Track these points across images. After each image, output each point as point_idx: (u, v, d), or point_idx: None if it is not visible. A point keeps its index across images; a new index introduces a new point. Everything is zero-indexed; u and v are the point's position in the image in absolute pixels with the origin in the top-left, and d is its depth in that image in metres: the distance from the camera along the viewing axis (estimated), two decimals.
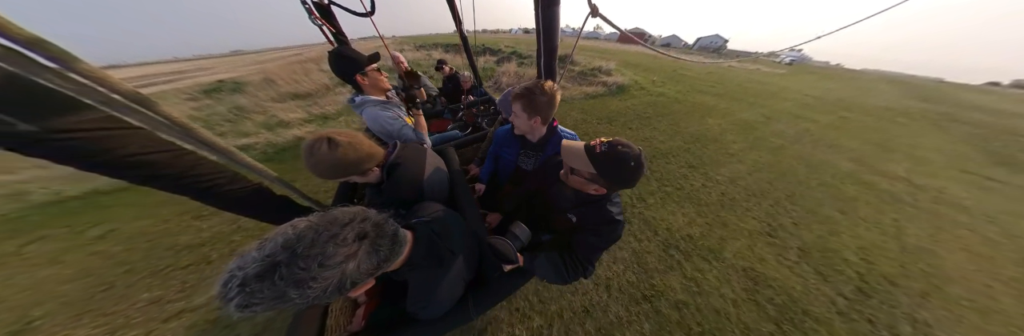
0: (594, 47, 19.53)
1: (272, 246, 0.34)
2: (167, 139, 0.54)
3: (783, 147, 3.97)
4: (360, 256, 0.38)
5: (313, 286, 0.34)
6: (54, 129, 0.40)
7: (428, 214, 0.68)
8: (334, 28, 1.40)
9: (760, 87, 9.23)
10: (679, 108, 5.37)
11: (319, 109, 5.05)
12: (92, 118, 0.44)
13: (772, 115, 5.62)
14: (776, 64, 33.49)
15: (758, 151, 3.71)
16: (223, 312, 0.37)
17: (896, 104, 9.09)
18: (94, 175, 0.47)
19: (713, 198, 2.54)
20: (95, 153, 0.45)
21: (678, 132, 4.10)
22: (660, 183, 2.73)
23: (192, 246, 1.92)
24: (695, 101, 6.01)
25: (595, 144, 0.64)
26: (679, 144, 3.68)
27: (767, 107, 6.27)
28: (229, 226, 2.06)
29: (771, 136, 4.36)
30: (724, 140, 3.96)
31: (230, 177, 0.64)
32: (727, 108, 5.73)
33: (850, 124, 5.73)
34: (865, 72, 45.86)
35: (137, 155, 0.49)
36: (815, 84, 12.70)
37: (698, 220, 2.25)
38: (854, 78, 20.06)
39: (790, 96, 8.12)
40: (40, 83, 0.38)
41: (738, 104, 6.21)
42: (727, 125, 4.64)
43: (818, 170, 3.35)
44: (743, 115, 5.36)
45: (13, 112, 0.37)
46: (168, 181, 0.55)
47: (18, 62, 0.36)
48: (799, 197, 2.71)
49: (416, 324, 0.64)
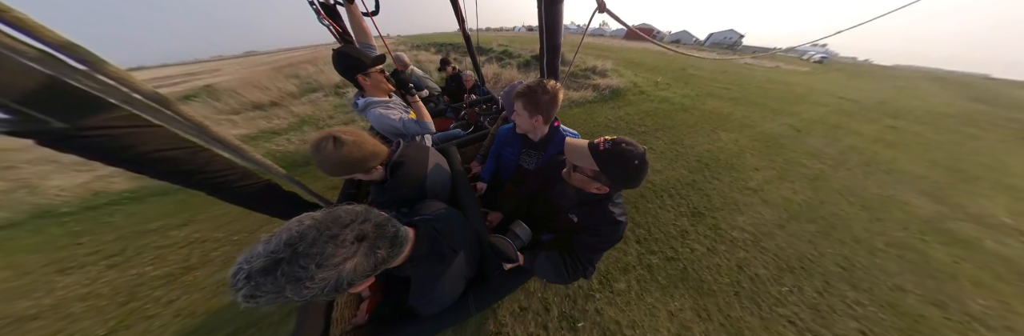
0: (596, 44, 18.41)
1: (276, 242, 0.35)
2: (184, 136, 0.56)
3: (823, 175, 2.96)
4: (358, 258, 0.39)
5: (309, 286, 0.35)
6: (83, 127, 0.43)
7: (430, 212, 0.70)
8: (340, 28, 1.36)
9: (783, 88, 8.01)
10: (685, 118, 4.38)
11: (268, 123, 4.38)
12: (116, 116, 0.47)
13: (802, 126, 4.55)
14: (798, 61, 31.22)
15: (790, 182, 2.73)
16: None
17: (952, 108, 7.72)
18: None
19: (724, 277, 1.63)
20: (120, 149, 0.48)
21: (680, 154, 3.15)
22: (644, 247, 1.82)
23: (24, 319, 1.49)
24: (705, 108, 4.99)
25: (599, 142, 0.64)
26: (680, 173, 2.74)
27: (795, 115, 5.17)
28: (82, 289, 1.63)
29: (805, 157, 3.34)
30: (742, 165, 2.98)
31: (242, 173, 0.67)
32: (745, 117, 4.69)
33: (904, 137, 4.59)
34: (897, 68, 42.43)
35: (157, 152, 0.52)
36: (846, 83, 11.25)
37: (696, 329, 1.35)
38: (888, 76, 18.13)
39: (821, 99, 6.92)
40: (71, 84, 0.42)
41: (759, 111, 5.15)
42: (746, 141, 3.64)
43: (881, 215, 2.35)
44: (766, 126, 4.32)
45: (48, 111, 0.40)
46: (185, 177, 0.57)
47: (52, 64, 0.39)
48: (861, 272, 1.75)
49: (417, 319, 0.66)
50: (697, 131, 3.87)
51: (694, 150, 3.26)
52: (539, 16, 0.95)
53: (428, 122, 1.15)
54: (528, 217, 0.91)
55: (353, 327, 0.74)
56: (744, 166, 2.97)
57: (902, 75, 20.51)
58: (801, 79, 11.36)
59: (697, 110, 4.83)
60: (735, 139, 3.69)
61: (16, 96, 0.37)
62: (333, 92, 5.98)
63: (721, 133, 3.85)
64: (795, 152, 3.46)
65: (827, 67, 22.67)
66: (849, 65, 30.88)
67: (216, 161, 0.61)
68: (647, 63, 10.25)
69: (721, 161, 3.04)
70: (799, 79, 11.31)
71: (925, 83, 15.68)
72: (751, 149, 3.43)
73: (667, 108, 4.80)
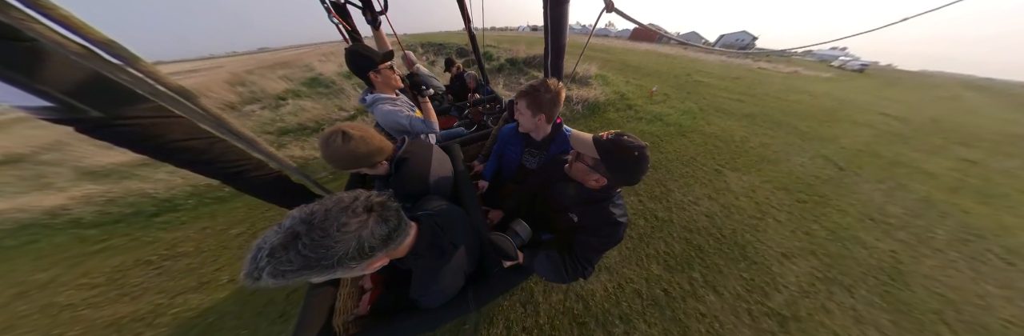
0: (597, 45, 17.13)
1: (290, 221, 0.38)
2: (204, 128, 0.61)
3: (899, 268, 1.75)
4: (371, 224, 0.41)
5: (335, 248, 0.37)
6: (117, 116, 0.48)
7: (432, 207, 0.71)
8: (349, 26, 1.43)
9: (808, 101, 6.66)
10: (680, 147, 3.18)
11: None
12: (145, 107, 0.51)
13: (845, 160, 3.29)
14: (817, 65, 29.21)
15: (846, 290, 1.54)
16: (258, 285, 0.35)
17: (1022, 126, 6.25)
18: None
19: None
20: (147, 138, 0.53)
21: (661, 223, 1.96)
22: None
23: None
24: (710, 130, 3.76)
25: (603, 134, 0.67)
26: (648, 274, 1.56)
27: (831, 141, 3.90)
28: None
29: (861, 225, 2.12)
30: (761, 248, 1.78)
31: (255, 164, 0.72)
32: (765, 145, 3.46)
33: (995, 179, 3.28)
34: (926, 74, 39.70)
35: (180, 141, 0.56)
36: (880, 93, 9.76)
37: None
38: (923, 84, 16.35)
39: (858, 116, 5.58)
40: (108, 77, 0.46)
41: (782, 135, 3.89)
42: (767, 192, 2.43)
43: None
44: (794, 161, 3.09)
45: (87, 101, 0.45)
46: (204, 166, 0.62)
47: (92, 59, 0.44)
48: None
49: (417, 312, 0.67)
50: (694, 171, 2.67)
51: (686, 213, 2.07)
52: (544, 16, 0.99)
53: (434, 122, 1.20)
54: (529, 216, 0.92)
55: (355, 317, 0.77)
56: (764, 249, 1.77)
57: (936, 83, 18.59)
58: (825, 87, 9.90)
59: (698, 134, 3.61)
60: (751, 186, 2.48)
61: (61, 87, 0.42)
62: (271, 105, 5.03)
63: (729, 175, 2.64)
64: (844, 213, 2.23)
65: (849, 72, 20.87)
66: (874, 71, 28.76)
67: (232, 152, 0.66)
68: (646, 67, 8.99)
69: (726, 237, 1.85)
70: (823, 87, 9.86)
71: (967, 93, 13.90)
72: (775, 206, 2.22)
73: (658, 131, 3.59)
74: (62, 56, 0.41)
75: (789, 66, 20.03)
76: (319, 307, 0.69)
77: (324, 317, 0.68)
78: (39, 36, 0.38)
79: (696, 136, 3.53)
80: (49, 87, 0.41)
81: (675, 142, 3.31)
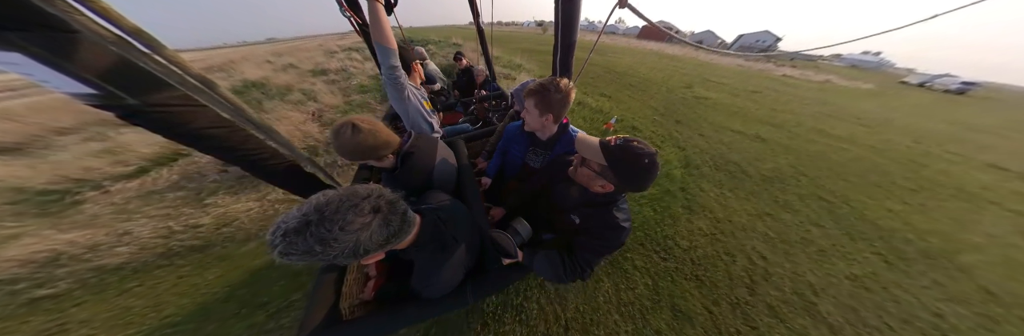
0: (586, 43, 14.82)
1: (308, 207, 0.41)
2: (225, 116, 0.63)
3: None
4: (373, 227, 0.44)
5: (334, 245, 0.40)
6: (149, 103, 0.49)
7: (436, 202, 0.75)
8: (360, 19, 1.47)
9: (864, 134, 4.33)
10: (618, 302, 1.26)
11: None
12: (174, 96, 0.53)
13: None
14: (848, 71, 25.85)
15: None
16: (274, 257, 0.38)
17: None
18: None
19: None
20: (176, 125, 0.54)
21: None
22: None
23: None
24: (695, 245, 1.72)
25: (610, 138, 0.65)
26: None
27: (956, 265, 1.81)
28: None
29: None
30: None
31: (272, 153, 0.74)
32: (828, 273, 1.45)
33: None
34: (989, 87, 35.47)
35: (205, 129, 0.58)
36: (960, 119, 7.15)
37: None
38: (1000, 104, 13.42)
39: (971, 178, 3.36)
40: (139, 65, 0.48)
41: (848, 242, 1.84)
42: None
43: None
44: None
45: (124, 88, 0.46)
46: (226, 152, 0.65)
47: (125, 47, 0.46)
48: None
49: (417, 302, 0.71)
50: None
51: None
52: (555, 12, 0.97)
53: (434, 123, 1.32)
54: (530, 215, 0.93)
55: (360, 301, 0.82)
56: None
57: (1002, 98, 15.55)
58: (876, 106, 7.40)
59: (674, 251, 1.60)
60: None
61: (103, 74, 0.43)
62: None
63: None
64: None
65: (876, 77, 17.87)
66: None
67: (251, 140, 0.68)
68: (635, 74, 6.77)
69: None
70: (871, 105, 7.37)
71: None
72: None
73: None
74: (101, 46, 0.43)
75: (819, 73, 17.31)
76: (327, 290, 0.74)
77: (332, 298, 0.73)
78: (82, 27, 0.41)
79: (674, 233, 1.55)
80: (92, 75, 0.42)
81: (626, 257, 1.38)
